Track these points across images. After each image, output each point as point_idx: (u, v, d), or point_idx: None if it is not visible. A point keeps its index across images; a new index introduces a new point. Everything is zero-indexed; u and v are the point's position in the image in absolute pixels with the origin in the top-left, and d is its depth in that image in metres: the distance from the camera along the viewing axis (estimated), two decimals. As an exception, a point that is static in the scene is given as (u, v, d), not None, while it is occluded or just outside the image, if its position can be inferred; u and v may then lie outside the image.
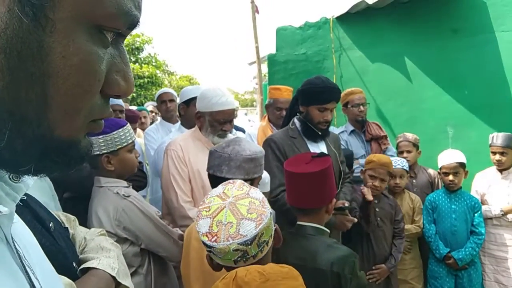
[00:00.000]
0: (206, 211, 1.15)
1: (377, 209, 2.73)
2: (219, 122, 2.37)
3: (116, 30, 0.44)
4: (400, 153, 3.33)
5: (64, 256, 1.00)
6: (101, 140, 1.79)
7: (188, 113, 3.11)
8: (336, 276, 1.47)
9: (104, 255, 1.10)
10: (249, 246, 1.07)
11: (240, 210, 1.10)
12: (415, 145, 3.30)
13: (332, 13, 4.72)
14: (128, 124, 1.87)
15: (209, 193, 1.23)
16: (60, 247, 0.99)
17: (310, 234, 1.66)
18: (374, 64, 4.55)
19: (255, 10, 4.80)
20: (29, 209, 0.97)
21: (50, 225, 1.02)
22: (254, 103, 21.42)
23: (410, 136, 3.33)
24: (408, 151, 3.28)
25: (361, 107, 3.29)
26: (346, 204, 2.33)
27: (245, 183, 1.25)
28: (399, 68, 4.48)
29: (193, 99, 3.02)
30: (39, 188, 1.59)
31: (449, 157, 2.99)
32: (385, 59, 4.50)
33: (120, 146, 1.79)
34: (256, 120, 10.27)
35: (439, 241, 2.95)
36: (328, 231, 1.74)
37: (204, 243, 1.10)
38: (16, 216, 0.49)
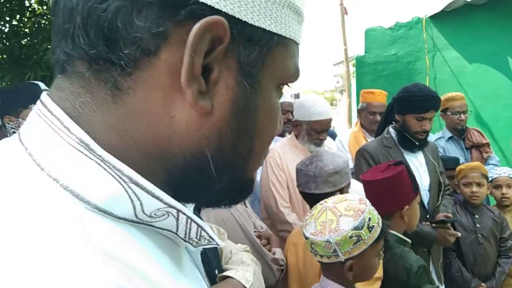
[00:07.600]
0: (309, 217, 1.34)
1: (477, 225, 2.58)
2: (316, 131, 2.44)
3: (290, 83, 0.54)
4: None
5: (208, 264, 1.17)
6: None
7: None
8: (402, 284, 1.51)
9: (243, 268, 1.25)
10: (360, 231, 1.23)
11: (339, 209, 1.27)
12: None
13: (424, 12, 4.57)
14: None
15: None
16: (206, 257, 1.17)
17: (387, 240, 1.68)
18: (472, 64, 4.31)
19: (343, 12, 4.78)
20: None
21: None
22: (334, 101, 20.90)
23: None
24: None
25: (462, 115, 3.11)
26: (449, 217, 2.25)
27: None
28: (501, 68, 4.20)
29: None
30: None
31: None
32: (485, 59, 4.24)
33: None
34: (337, 119, 10.09)
35: None
36: (409, 240, 1.75)
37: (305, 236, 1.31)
38: None
